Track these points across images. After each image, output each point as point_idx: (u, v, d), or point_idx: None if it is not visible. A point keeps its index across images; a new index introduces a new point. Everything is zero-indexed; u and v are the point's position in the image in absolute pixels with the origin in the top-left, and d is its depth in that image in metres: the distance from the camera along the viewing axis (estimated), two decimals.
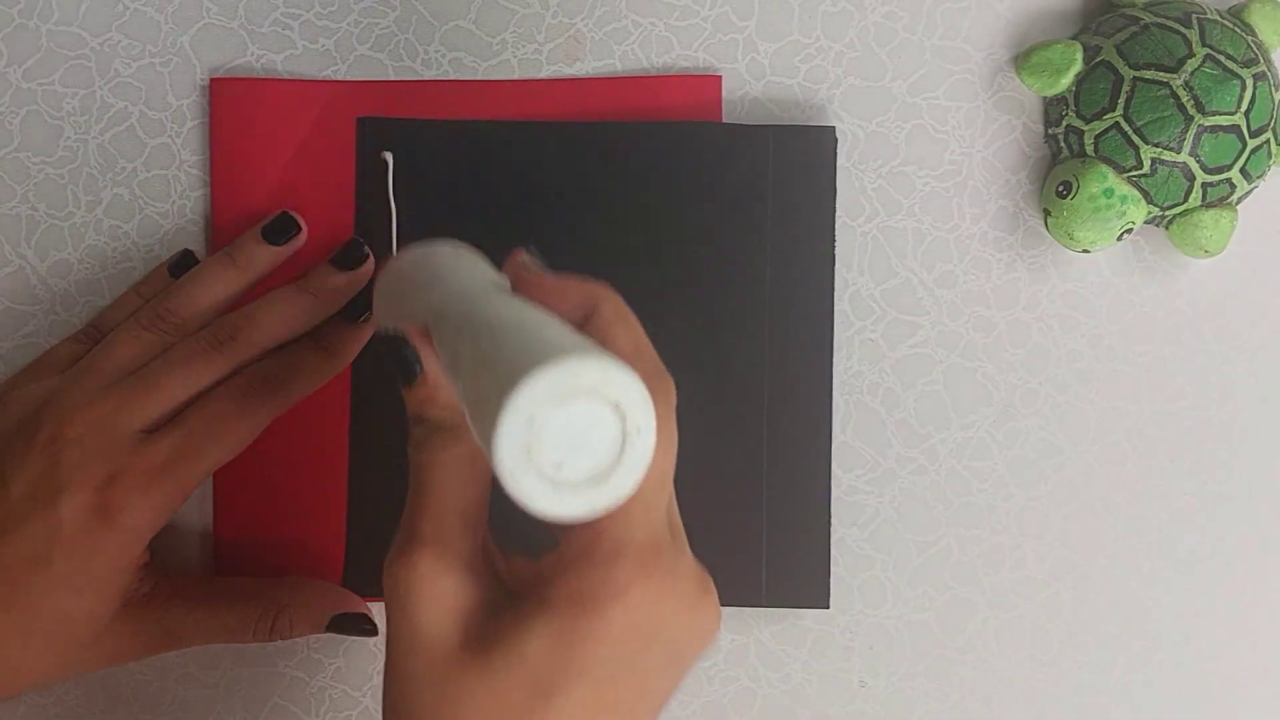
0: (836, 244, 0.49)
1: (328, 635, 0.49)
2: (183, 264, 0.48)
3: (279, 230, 0.47)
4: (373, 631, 0.48)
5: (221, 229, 0.48)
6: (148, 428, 0.43)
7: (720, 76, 0.50)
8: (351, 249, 0.47)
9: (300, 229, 0.47)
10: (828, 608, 0.49)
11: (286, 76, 0.49)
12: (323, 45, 0.49)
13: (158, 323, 0.45)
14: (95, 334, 0.47)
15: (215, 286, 0.46)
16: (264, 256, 0.47)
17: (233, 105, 0.49)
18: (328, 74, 0.49)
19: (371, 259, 0.47)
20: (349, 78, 0.49)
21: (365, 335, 0.47)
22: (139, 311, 0.46)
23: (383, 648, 0.49)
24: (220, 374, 0.44)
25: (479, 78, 0.49)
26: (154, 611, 0.45)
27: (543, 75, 0.50)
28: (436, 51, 0.49)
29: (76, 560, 0.42)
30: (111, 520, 0.42)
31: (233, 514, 0.49)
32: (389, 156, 0.48)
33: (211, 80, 0.49)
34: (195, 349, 0.44)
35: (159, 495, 0.43)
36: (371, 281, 0.47)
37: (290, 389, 0.45)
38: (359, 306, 0.47)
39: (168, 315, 0.46)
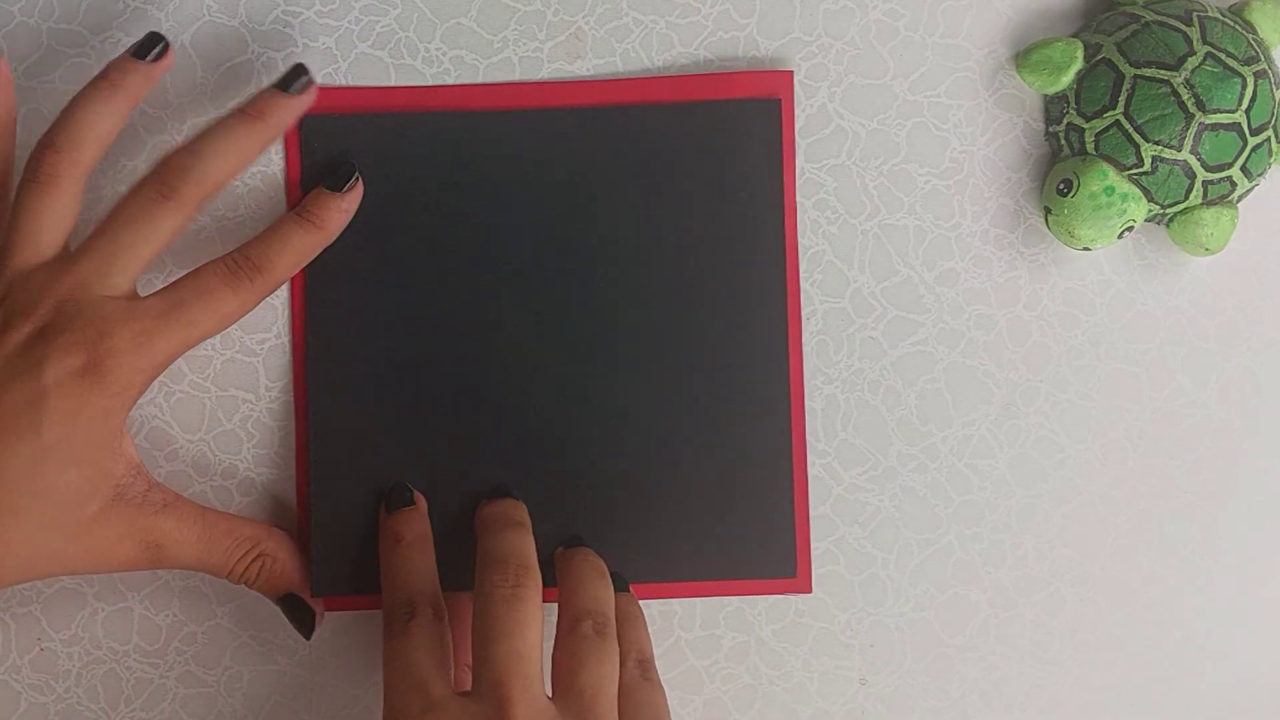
0: (836, 239, 0.49)
1: (329, 634, 0.49)
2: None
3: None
4: (312, 623, 0.48)
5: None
6: (129, 293, 0.43)
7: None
8: (297, 71, 0.46)
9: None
10: (794, 576, 0.49)
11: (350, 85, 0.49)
12: (323, 43, 0.49)
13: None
14: None
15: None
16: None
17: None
18: (327, 73, 0.49)
19: (315, 85, 0.47)
20: (349, 76, 0.49)
21: (351, 205, 0.47)
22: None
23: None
24: (176, 219, 0.44)
25: (480, 75, 0.49)
26: (144, 518, 0.43)
27: (544, 73, 0.50)
28: (437, 49, 0.49)
29: (62, 427, 0.41)
30: (100, 379, 0.41)
31: None
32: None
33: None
34: (146, 198, 0.43)
35: (148, 355, 0.42)
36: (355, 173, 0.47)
37: (277, 267, 0.45)
38: (342, 174, 0.47)
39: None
